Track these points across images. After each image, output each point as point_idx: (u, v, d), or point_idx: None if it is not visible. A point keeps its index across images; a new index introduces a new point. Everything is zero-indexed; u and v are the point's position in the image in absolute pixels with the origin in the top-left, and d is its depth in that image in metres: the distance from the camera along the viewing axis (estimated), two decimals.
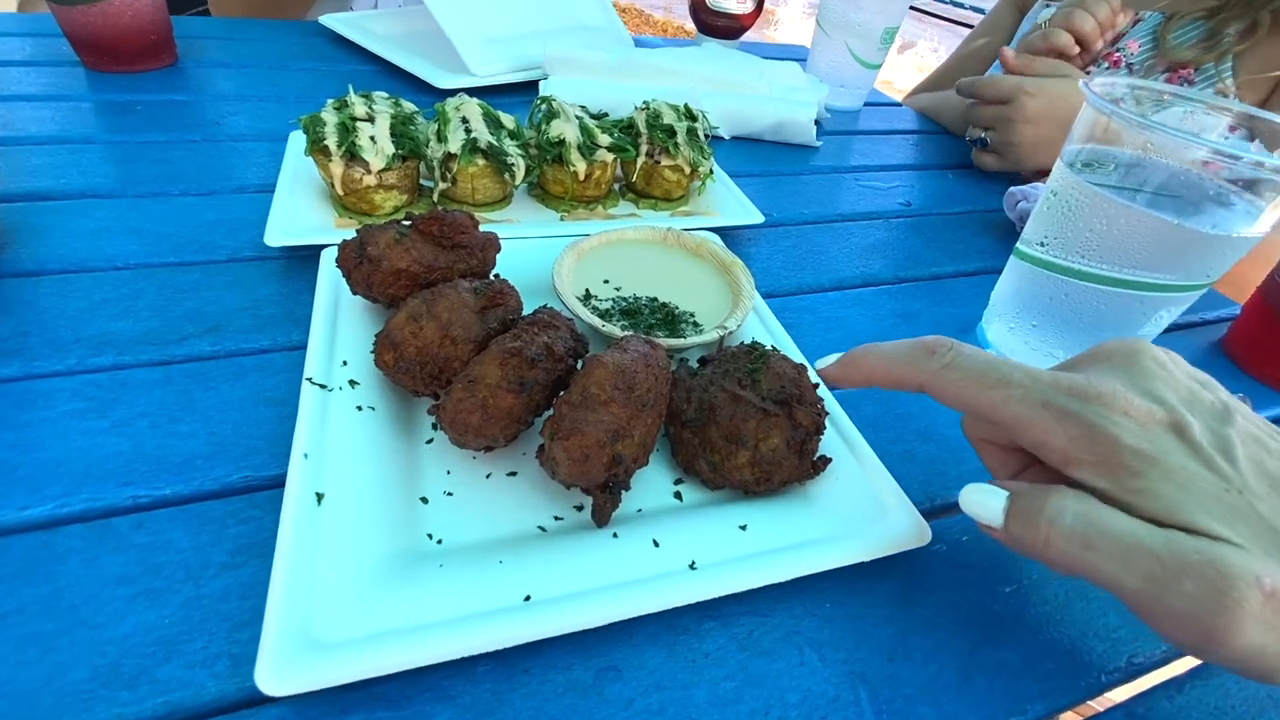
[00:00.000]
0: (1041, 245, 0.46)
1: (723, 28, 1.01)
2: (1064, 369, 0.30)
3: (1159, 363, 0.29)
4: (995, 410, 0.29)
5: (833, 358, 0.35)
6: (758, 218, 0.60)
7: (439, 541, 0.32)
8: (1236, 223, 0.40)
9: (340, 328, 0.41)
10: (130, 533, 0.31)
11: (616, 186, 0.65)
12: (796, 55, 1.12)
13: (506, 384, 0.31)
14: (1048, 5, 0.79)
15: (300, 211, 0.52)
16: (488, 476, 0.36)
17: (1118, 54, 0.83)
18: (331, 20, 0.94)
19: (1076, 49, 0.77)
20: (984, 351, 0.30)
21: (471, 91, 0.61)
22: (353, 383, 0.37)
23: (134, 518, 0.32)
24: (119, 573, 0.30)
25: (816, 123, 0.83)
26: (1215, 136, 0.45)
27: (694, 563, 0.31)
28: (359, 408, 0.36)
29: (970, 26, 2.24)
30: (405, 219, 0.41)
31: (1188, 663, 0.33)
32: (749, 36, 1.08)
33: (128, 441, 0.35)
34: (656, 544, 0.32)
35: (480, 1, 0.86)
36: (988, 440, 0.34)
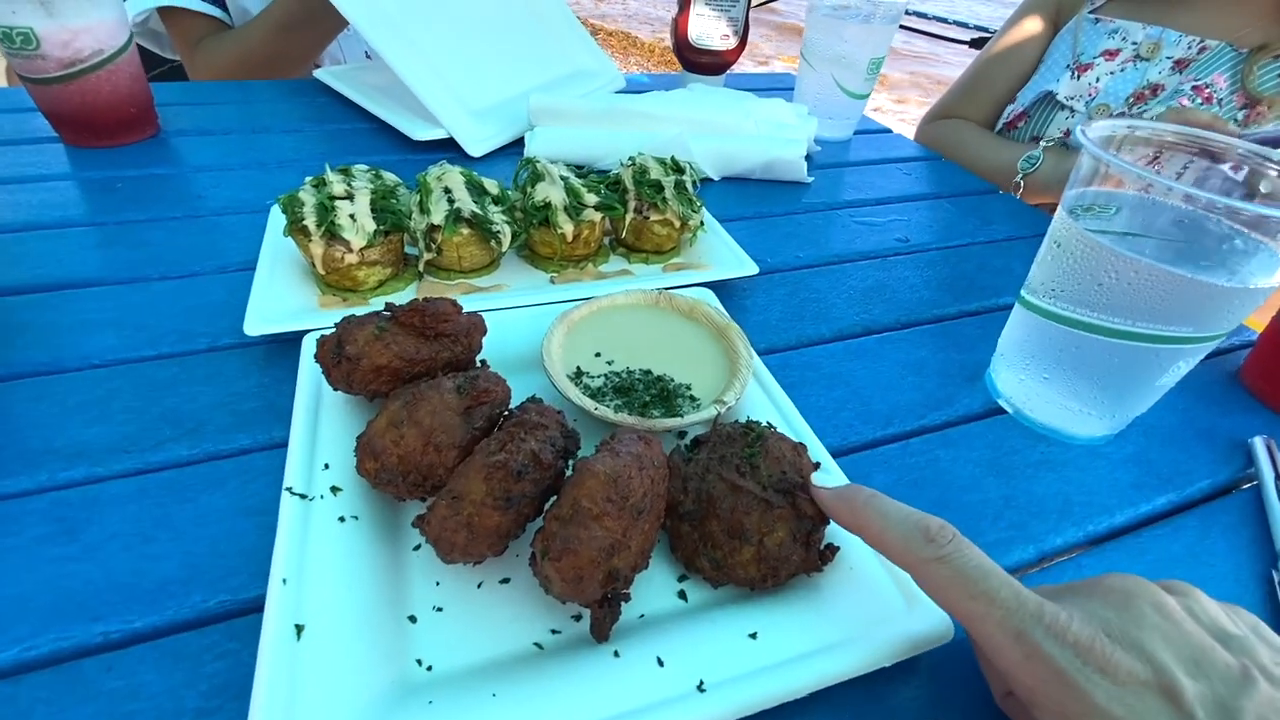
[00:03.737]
0: (1047, 296, 0.45)
1: (707, 64, 1.00)
2: (1064, 592, 0.28)
3: (1160, 609, 0.26)
4: (970, 623, 0.27)
5: (829, 486, 0.34)
6: (752, 269, 0.59)
7: (429, 669, 0.30)
8: (1253, 272, 0.38)
9: (322, 425, 0.40)
10: (99, 677, 0.29)
11: (607, 241, 0.63)
12: (783, 84, 1.12)
13: (492, 500, 0.29)
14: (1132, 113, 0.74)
15: (280, 293, 0.51)
16: (479, 586, 0.34)
17: (1208, 90, 0.82)
18: (325, 74, 0.94)
19: None
20: (983, 556, 0.28)
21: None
22: (335, 489, 0.36)
23: (104, 658, 0.30)
24: None
25: (807, 157, 0.82)
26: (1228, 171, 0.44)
27: (702, 683, 0.29)
28: (341, 518, 0.34)
29: (957, 42, 2.23)
30: (385, 309, 0.40)
31: None
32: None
33: (98, 568, 0.34)
34: (661, 663, 0.30)
35: (465, 69, 0.85)
36: None
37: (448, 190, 0.54)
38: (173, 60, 1.23)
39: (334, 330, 0.38)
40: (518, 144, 0.83)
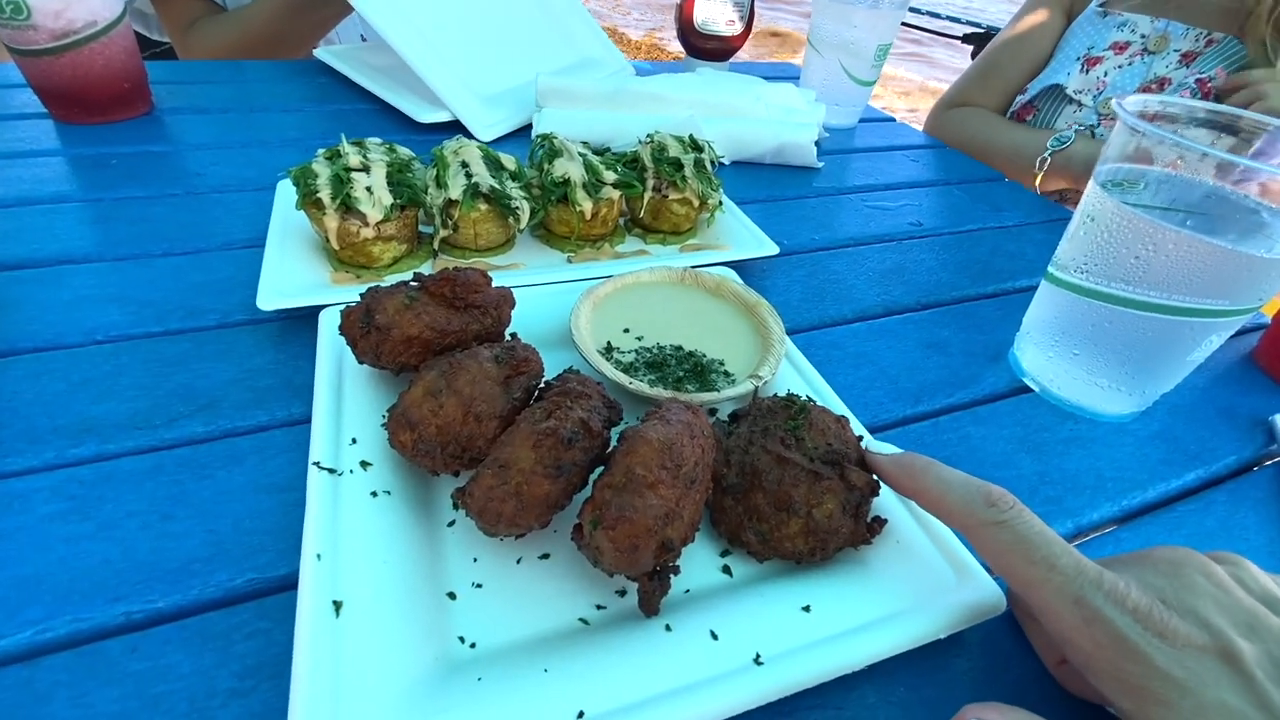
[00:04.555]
0: (1078, 271, 0.44)
1: (712, 50, 0.99)
2: (1113, 564, 0.28)
3: (1210, 577, 0.26)
4: (1029, 588, 0.26)
5: (887, 449, 0.33)
6: (772, 249, 0.58)
7: (472, 645, 0.29)
8: None
9: (346, 399, 0.38)
10: (123, 659, 0.28)
11: (622, 221, 0.62)
12: (786, 74, 1.11)
13: (542, 469, 0.28)
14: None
15: (293, 268, 0.49)
16: (518, 561, 0.32)
17: (1210, 83, 0.82)
18: (326, 54, 0.91)
19: None
20: (1044, 523, 0.28)
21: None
22: (364, 464, 0.34)
23: (127, 639, 0.29)
24: (113, 710, 0.26)
25: (816, 143, 0.81)
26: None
27: (759, 656, 0.28)
28: (373, 493, 0.33)
29: (952, 38, 2.25)
30: (413, 279, 0.38)
31: None
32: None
33: (116, 547, 0.32)
34: (715, 636, 0.29)
35: (472, 57, 0.83)
36: (1034, 619, 0.31)
37: (465, 165, 0.52)
38: (161, 43, 1.19)
39: (359, 301, 0.37)
40: (524, 131, 0.82)
